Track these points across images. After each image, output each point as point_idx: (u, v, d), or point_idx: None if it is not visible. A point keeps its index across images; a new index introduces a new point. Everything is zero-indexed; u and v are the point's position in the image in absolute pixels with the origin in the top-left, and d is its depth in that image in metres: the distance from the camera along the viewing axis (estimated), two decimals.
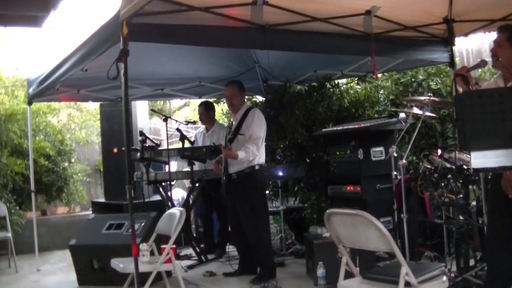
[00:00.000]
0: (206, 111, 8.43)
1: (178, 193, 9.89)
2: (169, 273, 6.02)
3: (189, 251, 8.23)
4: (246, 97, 9.28)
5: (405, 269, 3.50)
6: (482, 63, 4.53)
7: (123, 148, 6.73)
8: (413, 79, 8.21)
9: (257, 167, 6.51)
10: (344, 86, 8.84)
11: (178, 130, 7.70)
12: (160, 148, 7.88)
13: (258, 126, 6.51)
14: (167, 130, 7.76)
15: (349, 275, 3.99)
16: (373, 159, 6.81)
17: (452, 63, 6.92)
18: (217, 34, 5.53)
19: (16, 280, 7.52)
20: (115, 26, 4.88)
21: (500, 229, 4.24)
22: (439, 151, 5.70)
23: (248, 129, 6.48)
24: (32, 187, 8.29)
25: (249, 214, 6.49)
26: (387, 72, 8.33)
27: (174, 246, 5.38)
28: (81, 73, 6.42)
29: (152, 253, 5.44)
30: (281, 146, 8.57)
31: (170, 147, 7.68)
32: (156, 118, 13.71)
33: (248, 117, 6.54)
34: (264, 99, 9.55)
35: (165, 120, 7.79)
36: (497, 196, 4.23)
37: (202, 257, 7.78)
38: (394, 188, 6.36)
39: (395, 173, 6.21)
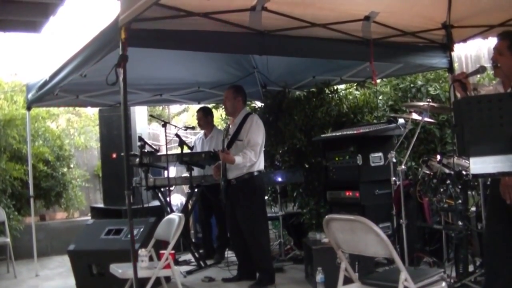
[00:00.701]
0: (204, 116, 8.43)
1: (177, 199, 9.89)
2: (168, 279, 6.02)
3: (188, 256, 8.22)
4: None
5: (404, 274, 3.50)
6: (481, 69, 4.52)
7: (122, 154, 6.73)
8: (412, 85, 8.21)
9: (256, 173, 6.51)
10: (343, 91, 8.85)
11: (177, 135, 7.70)
12: (159, 154, 7.89)
13: (256, 132, 6.51)
14: (166, 136, 7.76)
15: (348, 280, 3.99)
16: (372, 164, 6.80)
17: (450, 68, 6.93)
18: (215, 39, 5.53)
19: (14, 285, 7.52)
20: (114, 31, 4.88)
21: (499, 234, 4.24)
22: (438, 157, 5.71)
23: (246, 135, 6.49)
24: (31, 192, 8.30)
25: (248, 219, 6.49)
26: (386, 77, 8.33)
27: (173, 251, 5.38)
28: (80, 79, 6.42)
29: (151, 259, 5.43)
30: (280, 151, 8.57)
31: (169, 152, 7.67)
32: (155, 123, 13.71)
33: (247, 123, 6.55)
34: (263, 104, 9.55)
35: (164, 125, 7.79)
36: (495, 201, 4.23)
37: (201, 262, 7.77)
38: (393, 194, 6.36)
39: (394, 178, 6.21)
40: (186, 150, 7.65)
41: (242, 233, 6.58)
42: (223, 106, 7.01)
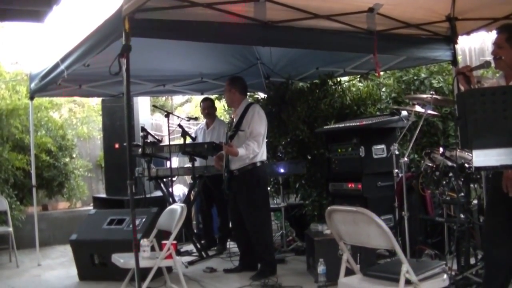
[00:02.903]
0: (212, 106, 8.46)
1: (179, 189, 9.89)
2: (169, 269, 6.02)
3: (190, 247, 8.24)
4: (248, 93, 9.33)
5: (405, 266, 3.50)
6: (486, 64, 4.50)
7: (124, 144, 6.74)
8: (415, 77, 8.20)
9: (258, 164, 6.51)
10: (346, 83, 8.84)
11: (179, 126, 7.70)
12: (161, 144, 7.89)
13: (258, 123, 6.51)
14: (168, 126, 7.76)
15: (349, 272, 3.99)
16: (375, 156, 6.80)
17: (454, 61, 6.92)
18: (219, 30, 5.52)
19: (17, 274, 7.53)
20: (118, 21, 4.88)
21: (499, 227, 4.24)
22: (441, 149, 5.69)
23: (248, 126, 6.48)
24: (34, 182, 8.31)
25: (251, 210, 6.50)
26: (389, 70, 8.32)
27: (174, 242, 5.39)
28: (83, 69, 6.41)
29: (152, 249, 5.44)
30: (283, 142, 8.57)
31: (171, 143, 7.68)
32: (158, 114, 13.71)
33: (248, 113, 6.54)
34: (266, 95, 9.55)
35: (167, 116, 7.79)
36: (496, 194, 4.23)
37: (203, 253, 7.78)
38: (395, 186, 6.36)
39: (396, 170, 6.21)
40: (188, 140, 7.65)
41: (244, 224, 6.59)
42: (226, 96, 6.99)
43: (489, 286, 4.36)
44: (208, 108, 8.48)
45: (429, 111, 6.11)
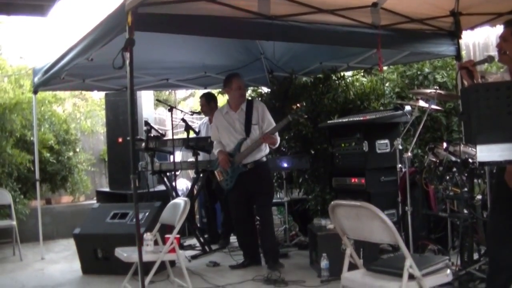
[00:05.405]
0: (207, 103, 8.39)
1: (183, 183, 9.90)
2: (172, 263, 6.04)
3: (193, 241, 8.25)
4: (251, 88, 9.35)
5: (409, 261, 3.50)
6: (489, 59, 4.50)
7: (128, 138, 6.75)
8: (419, 72, 8.19)
9: (265, 158, 6.69)
10: (350, 78, 8.82)
11: (183, 120, 7.70)
12: (165, 138, 7.89)
13: (269, 114, 6.72)
14: (172, 120, 7.76)
15: (352, 267, 3.99)
16: (378, 151, 6.80)
17: (458, 56, 6.91)
18: (223, 24, 5.52)
19: (20, 268, 7.55)
20: (121, 15, 4.87)
21: (503, 223, 4.23)
22: (444, 144, 5.69)
23: (262, 119, 6.64)
24: (37, 175, 8.31)
25: (267, 202, 6.71)
26: (393, 64, 8.31)
27: (178, 236, 5.39)
28: (87, 63, 6.41)
29: (156, 243, 5.44)
30: (286, 137, 8.56)
31: (175, 137, 7.67)
32: (161, 108, 13.72)
33: (255, 108, 6.66)
34: (269, 90, 9.53)
35: (170, 110, 7.80)
36: (500, 190, 4.21)
37: (206, 247, 7.79)
38: (398, 181, 6.35)
39: (400, 165, 6.20)
40: (192, 135, 7.66)
41: (250, 219, 6.68)
42: (240, 94, 6.81)
43: (492, 283, 4.36)
44: (202, 106, 8.44)
45: (433, 106, 6.11)
